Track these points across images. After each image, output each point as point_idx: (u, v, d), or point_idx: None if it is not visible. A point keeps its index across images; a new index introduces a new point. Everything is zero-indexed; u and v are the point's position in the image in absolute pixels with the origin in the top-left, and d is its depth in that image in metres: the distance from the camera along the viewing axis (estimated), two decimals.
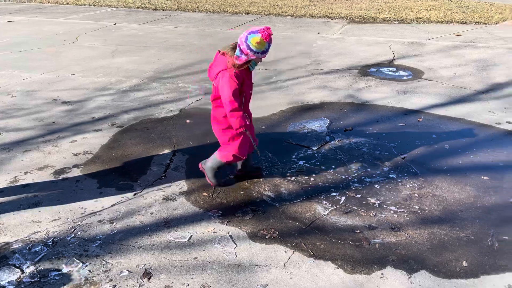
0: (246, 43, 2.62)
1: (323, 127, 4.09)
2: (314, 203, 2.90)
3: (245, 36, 2.64)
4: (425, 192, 3.00)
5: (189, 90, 5.16)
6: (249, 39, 2.61)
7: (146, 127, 4.11)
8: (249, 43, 2.61)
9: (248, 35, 2.62)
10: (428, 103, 4.70)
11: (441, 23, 9.37)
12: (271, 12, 10.87)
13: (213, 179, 3.08)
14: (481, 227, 2.62)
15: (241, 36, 2.66)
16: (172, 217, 2.74)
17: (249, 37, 2.61)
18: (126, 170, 3.32)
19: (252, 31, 2.64)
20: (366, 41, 7.68)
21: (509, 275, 2.24)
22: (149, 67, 6.14)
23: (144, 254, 2.41)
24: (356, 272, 2.27)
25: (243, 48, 2.64)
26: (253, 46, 2.62)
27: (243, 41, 2.63)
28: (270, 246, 2.47)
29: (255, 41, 2.60)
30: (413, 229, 2.62)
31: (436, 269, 2.29)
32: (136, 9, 11.63)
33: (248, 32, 2.64)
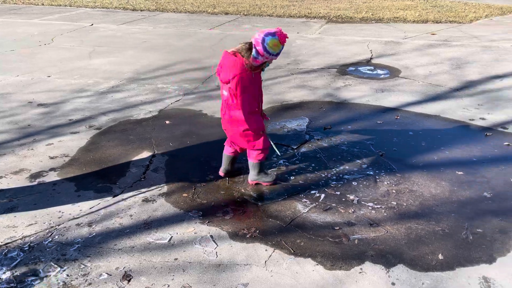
0: (263, 44, 2.64)
1: (302, 126, 4.12)
2: (294, 201, 2.92)
3: (261, 37, 2.65)
4: (402, 188, 3.06)
5: (168, 91, 5.12)
6: (267, 41, 2.63)
7: (125, 129, 4.07)
8: (266, 45, 2.64)
9: (265, 37, 2.64)
10: (405, 100, 4.79)
11: (417, 22, 9.56)
12: (251, 12, 10.88)
13: (267, 178, 3.08)
14: (456, 221, 2.69)
15: (256, 38, 2.67)
16: (152, 219, 2.72)
17: (266, 39, 2.63)
18: (105, 172, 3.28)
19: (268, 32, 2.66)
20: (344, 40, 7.77)
21: (483, 267, 2.30)
22: (127, 68, 6.07)
23: (124, 256, 2.39)
24: (336, 268, 2.30)
25: (259, 49, 2.65)
26: (269, 48, 2.65)
27: (260, 42, 2.64)
28: (251, 245, 2.48)
29: (273, 43, 2.64)
30: (391, 224, 2.67)
31: (413, 262, 2.34)
32: (113, 9, 11.48)
33: (263, 33, 2.65)
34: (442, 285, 2.18)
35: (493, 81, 5.44)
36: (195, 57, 6.65)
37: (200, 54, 6.83)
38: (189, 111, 4.52)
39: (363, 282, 2.20)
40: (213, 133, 3.97)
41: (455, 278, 2.22)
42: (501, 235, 2.55)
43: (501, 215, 2.74)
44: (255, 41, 2.67)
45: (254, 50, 2.66)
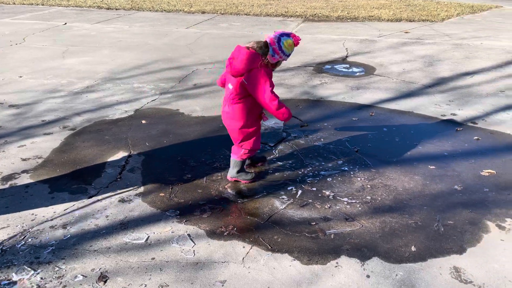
0: (278, 44, 2.73)
1: (279, 124, 4.15)
2: (272, 198, 2.95)
3: (276, 37, 2.74)
4: (377, 183, 3.13)
5: (144, 91, 5.07)
6: (282, 41, 2.73)
7: (100, 129, 4.01)
8: (281, 44, 2.73)
9: (281, 37, 2.74)
10: (379, 97, 4.88)
11: (391, 21, 9.74)
12: (228, 11, 10.87)
13: (246, 177, 3.11)
14: (428, 214, 2.77)
15: (271, 37, 2.76)
16: (128, 219, 2.70)
17: (282, 38, 2.74)
18: (80, 173, 3.23)
19: (283, 32, 2.76)
20: (320, 39, 7.85)
21: (454, 257, 2.38)
22: (102, 67, 5.98)
23: (100, 257, 2.36)
24: (313, 263, 2.33)
25: (275, 47, 2.74)
26: (284, 48, 2.75)
27: (275, 41, 2.73)
28: (228, 243, 2.49)
29: (288, 43, 2.74)
30: (366, 218, 2.72)
31: (387, 255, 2.39)
32: (87, 8, 11.27)
33: (278, 33, 2.75)
34: (414, 276, 2.24)
35: (464, 78, 5.60)
36: (171, 56, 6.60)
37: (176, 53, 6.78)
38: (166, 110, 4.49)
39: (339, 275, 2.24)
40: (190, 132, 3.96)
41: (427, 269, 2.29)
42: (471, 226, 2.64)
43: (470, 207, 2.83)
44: (270, 40, 2.75)
45: (271, 48, 2.75)
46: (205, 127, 4.07)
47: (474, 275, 2.24)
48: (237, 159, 3.07)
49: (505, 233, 2.57)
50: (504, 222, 2.67)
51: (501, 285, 2.17)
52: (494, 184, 3.10)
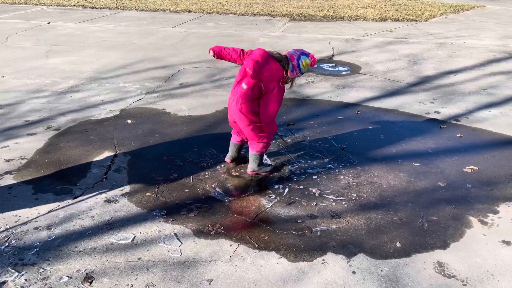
0: (297, 61, 2.89)
1: None
2: (258, 196, 2.96)
3: (297, 55, 2.90)
4: (362, 180, 3.16)
5: (130, 90, 5.04)
6: (302, 59, 2.89)
7: (85, 129, 3.97)
8: (300, 62, 2.89)
9: (301, 55, 2.90)
10: (365, 96, 4.93)
11: (377, 20, 9.84)
12: (214, 10, 10.85)
13: (266, 169, 3.21)
14: (412, 210, 2.81)
15: (291, 53, 2.91)
16: (114, 219, 2.68)
17: (302, 57, 2.89)
18: (64, 174, 3.20)
19: (303, 52, 2.93)
20: (307, 38, 7.89)
21: (437, 252, 2.42)
22: (87, 67, 5.92)
23: (85, 258, 2.34)
24: (299, 260, 2.35)
25: (294, 64, 2.89)
26: (302, 66, 2.91)
27: (295, 58, 2.89)
28: (215, 241, 2.49)
29: (306, 62, 2.91)
30: (352, 215, 2.75)
31: (372, 251, 2.42)
32: (71, 7, 11.13)
33: (299, 51, 2.92)
34: (399, 271, 2.27)
35: (447, 77, 5.68)
36: (157, 56, 6.56)
37: (162, 53, 6.75)
38: (152, 109, 4.47)
39: (325, 272, 2.26)
40: (176, 131, 3.94)
41: (412, 264, 2.32)
42: (454, 221, 2.68)
43: (454, 202, 2.88)
44: (290, 56, 2.90)
45: (291, 64, 2.90)
46: (191, 126, 4.06)
47: (457, 269, 2.28)
48: (256, 153, 3.13)
49: (487, 228, 2.62)
50: (486, 217, 2.72)
51: (484, 279, 2.22)
52: (476, 180, 3.16)
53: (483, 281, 2.20)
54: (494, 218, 2.71)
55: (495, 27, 8.96)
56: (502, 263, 2.33)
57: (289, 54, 2.91)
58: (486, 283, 2.19)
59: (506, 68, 6.00)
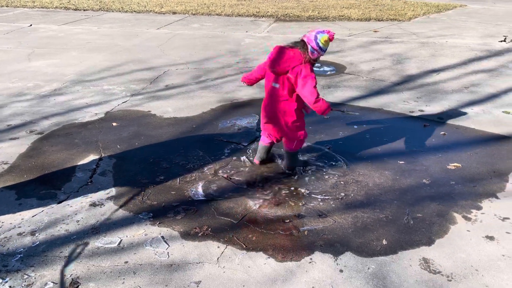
0: (315, 41, 2.86)
1: (252, 123, 4.17)
2: (246, 197, 2.96)
3: (313, 35, 2.87)
4: (349, 179, 3.18)
5: (115, 92, 4.99)
6: (319, 38, 2.86)
7: (69, 133, 3.92)
8: (318, 41, 2.85)
9: (317, 34, 2.87)
10: (350, 95, 4.97)
11: (361, 20, 9.93)
12: (199, 11, 10.81)
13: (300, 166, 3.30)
14: (398, 207, 2.84)
15: (308, 35, 2.89)
16: (100, 223, 2.65)
17: (318, 36, 2.86)
18: (48, 178, 3.15)
19: (319, 31, 2.89)
20: (292, 38, 7.88)
21: (423, 249, 2.45)
22: (70, 70, 5.84)
23: (71, 263, 2.31)
24: (287, 260, 2.36)
25: (313, 45, 2.86)
26: (321, 44, 2.87)
27: (312, 39, 2.86)
28: (203, 243, 2.48)
29: (324, 39, 2.87)
30: (339, 214, 2.77)
31: (359, 249, 2.44)
32: (54, 9, 10.98)
33: (315, 31, 2.89)
34: (386, 268, 2.29)
35: (430, 75, 5.77)
36: (142, 57, 6.51)
37: (147, 54, 6.70)
38: (137, 112, 4.43)
39: (313, 271, 2.28)
40: (162, 133, 3.92)
41: (398, 261, 2.35)
42: (438, 218, 2.72)
43: (438, 199, 2.92)
44: (307, 39, 2.88)
45: (309, 46, 2.87)
46: (177, 128, 4.04)
47: (442, 265, 2.32)
48: (292, 151, 3.19)
49: (471, 223, 2.67)
50: (470, 213, 2.77)
51: (468, 274, 2.25)
52: (460, 177, 3.21)
53: (467, 276, 2.23)
54: (477, 214, 2.76)
55: (477, 26, 9.13)
56: (486, 258, 2.37)
57: (305, 37, 2.91)
58: (470, 278, 2.22)
59: (487, 67, 6.11)
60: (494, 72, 5.83)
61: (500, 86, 5.26)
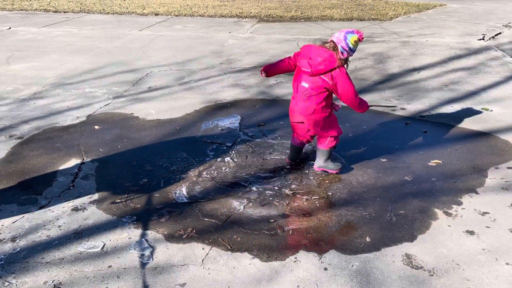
0: (345, 41, 2.86)
1: (235, 123, 4.17)
2: (230, 198, 2.95)
3: (343, 35, 2.87)
4: (332, 178, 3.21)
5: (97, 95, 4.93)
6: (348, 38, 2.86)
7: (50, 137, 3.85)
8: (348, 41, 2.86)
9: (347, 34, 2.87)
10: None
11: (343, 20, 10.02)
12: (182, 12, 10.77)
13: (334, 166, 3.24)
14: (381, 205, 2.88)
15: (337, 36, 2.89)
16: (82, 228, 2.61)
17: (348, 36, 2.87)
18: (29, 183, 3.09)
19: (348, 31, 2.90)
20: (275, 39, 7.95)
21: (406, 245, 2.48)
22: (51, 73, 5.75)
23: (53, 269, 2.27)
24: (272, 260, 2.36)
25: (343, 46, 2.87)
26: (351, 44, 2.88)
27: (342, 39, 2.86)
28: (187, 245, 2.47)
29: (354, 39, 2.87)
30: (323, 213, 2.79)
31: (343, 247, 2.46)
32: (33, 12, 10.79)
33: (344, 32, 2.89)
34: (369, 265, 2.32)
35: (411, 74, 5.85)
36: (124, 59, 6.45)
37: (130, 56, 6.64)
38: (120, 114, 4.39)
39: (297, 270, 2.29)
40: (145, 135, 3.89)
41: (381, 258, 2.38)
42: (420, 214, 2.77)
43: (420, 196, 2.97)
44: (337, 39, 2.89)
45: (339, 47, 2.88)
46: (161, 130, 4.02)
47: (425, 260, 2.35)
48: (324, 148, 3.17)
49: (451, 219, 2.72)
50: (451, 209, 2.82)
51: (449, 269, 2.29)
52: (441, 173, 3.26)
53: (449, 271, 2.27)
54: (458, 209, 2.81)
55: (456, 25, 9.30)
56: (467, 252, 2.42)
57: (335, 38, 2.90)
58: (452, 272, 2.27)
59: (466, 65, 6.23)
60: (473, 70, 5.95)
61: (479, 83, 5.37)
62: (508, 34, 8.22)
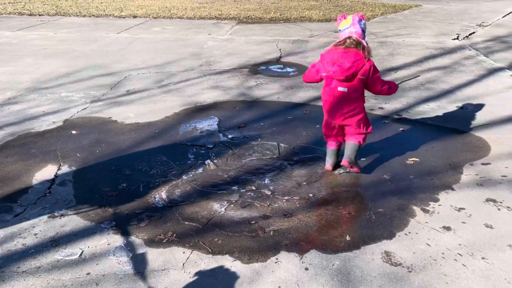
0: (361, 27, 2.92)
1: (213, 125, 4.16)
2: (211, 201, 2.94)
3: (359, 25, 2.91)
4: (313, 178, 3.23)
5: (73, 99, 4.84)
6: (362, 23, 2.94)
7: (25, 143, 3.77)
8: (363, 26, 2.94)
9: (359, 22, 2.93)
10: (312, 96, 5.04)
11: (321, 21, 10.11)
12: (160, 14, 10.68)
13: (358, 166, 3.27)
14: (360, 203, 2.91)
15: (354, 31, 2.90)
16: (59, 235, 2.56)
17: (361, 22, 2.93)
18: (3, 191, 3.02)
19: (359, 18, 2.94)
20: (255, 40, 7.96)
21: (385, 243, 2.52)
22: (25, 77, 5.62)
23: (29, 278, 2.22)
24: (253, 261, 2.36)
25: (362, 35, 2.93)
26: (365, 28, 2.98)
27: (360, 28, 2.91)
28: (167, 250, 2.45)
29: (365, 25, 2.97)
30: (304, 213, 2.81)
31: (324, 246, 2.48)
32: (7, 15, 10.54)
33: (356, 20, 2.93)
34: (350, 263, 2.34)
35: (389, 74, 5.94)
36: (102, 63, 6.36)
37: (107, 59, 6.55)
38: (98, 118, 4.32)
39: (279, 271, 2.29)
40: (124, 139, 3.84)
41: (361, 256, 2.40)
42: (399, 212, 2.81)
43: (398, 194, 3.01)
44: (356, 34, 2.91)
45: (363, 42, 2.92)
46: (139, 133, 3.97)
47: (403, 257, 2.39)
48: (359, 144, 3.17)
49: (429, 215, 2.77)
50: (428, 206, 2.87)
51: (427, 265, 2.33)
52: (418, 171, 3.32)
53: (426, 267, 2.31)
54: (435, 206, 2.86)
55: (431, 25, 9.49)
56: (444, 248, 2.47)
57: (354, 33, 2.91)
58: (429, 268, 2.31)
59: (441, 64, 6.36)
60: (448, 69, 6.08)
61: (454, 82, 5.49)
62: (482, 34, 8.44)
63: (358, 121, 3.12)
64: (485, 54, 6.83)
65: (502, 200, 2.91)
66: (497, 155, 3.54)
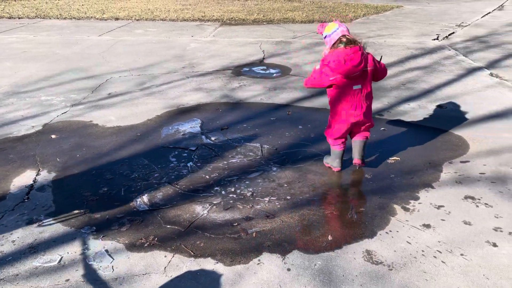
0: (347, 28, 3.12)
1: (196, 127, 4.14)
2: (193, 204, 2.93)
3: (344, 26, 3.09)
4: (295, 179, 3.24)
5: (53, 103, 4.77)
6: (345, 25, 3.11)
7: (2, 148, 3.69)
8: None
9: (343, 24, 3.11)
10: (295, 97, 5.06)
11: (304, 22, 10.17)
12: (143, 17, 10.60)
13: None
14: (342, 203, 2.93)
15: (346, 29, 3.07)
16: (38, 242, 2.52)
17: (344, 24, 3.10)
18: None
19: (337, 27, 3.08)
20: (238, 42, 7.96)
21: (366, 241, 2.54)
22: (3, 81, 5.52)
23: (7, 286, 2.18)
24: (235, 263, 2.36)
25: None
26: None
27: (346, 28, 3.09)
28: (149, 254, 2.43)
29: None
30: (286, 214, 2.81)
31: (306, 247, 2.49)
32: None
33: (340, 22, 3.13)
34: (332, 263, 2.36)
35: None
36: (83, 66, 6.28)
37: (88, 62, 6.46)
38: (78, 122, 4.26)
39: (261, 272, 2.29)
40: (105, 143, 3.79)
41: (343, 255, 2.42)
42: (380, 210, 2.84)
43: (379, 193, 3.04)
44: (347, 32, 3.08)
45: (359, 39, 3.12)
46: (121, 137, 3.93)
47: (384, 255, 2.42)
48: (366, 139, 3.24)
49: (409, 214, 2.80)
50: (408, 204, 2.91)
51: (408, 262, 2.36)
52: (399, 170, 3.36)
53: (407, 265, 2.34)
54: (415, 204, 2.90)
55: (412, 26, 9.63)
56: (424, 245, 2.50)
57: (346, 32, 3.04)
58: (410, 266, 2.34)
59: (422, 64, 6.46)
60: (428, 69, 6.17)
61: (434, 81, 5.58)
62: (461, 34, 8.59)
63: (370, 112, 3.23)
64: (464, 54, 6.96)
65: (480, 197, 2.97)
66: (476, 153, 3.61)
